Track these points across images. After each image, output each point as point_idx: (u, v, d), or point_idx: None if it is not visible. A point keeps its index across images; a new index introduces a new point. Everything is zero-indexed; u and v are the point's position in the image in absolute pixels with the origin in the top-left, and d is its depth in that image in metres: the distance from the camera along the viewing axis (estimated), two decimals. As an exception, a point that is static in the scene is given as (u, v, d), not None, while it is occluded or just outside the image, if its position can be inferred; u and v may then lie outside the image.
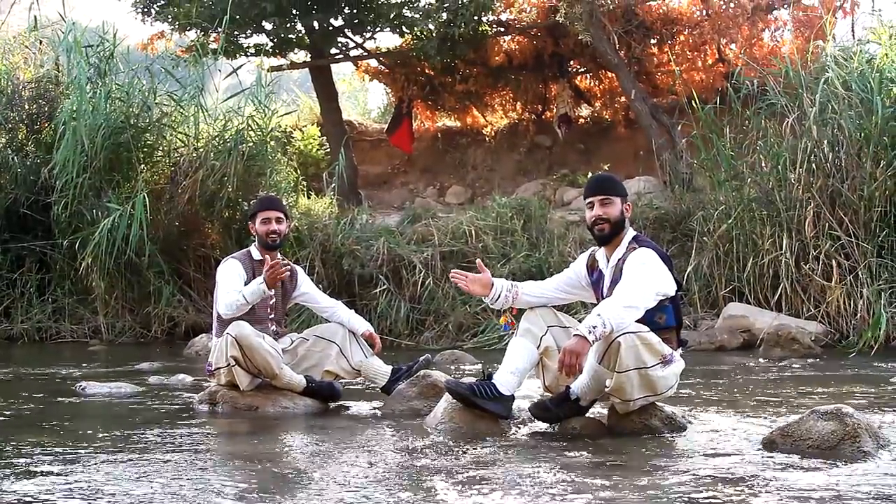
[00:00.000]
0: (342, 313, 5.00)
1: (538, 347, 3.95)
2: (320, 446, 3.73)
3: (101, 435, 3.95)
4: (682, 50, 13.33)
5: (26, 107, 10.60)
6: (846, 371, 6.19)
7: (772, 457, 3.33)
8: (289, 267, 4.46)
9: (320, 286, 6.62)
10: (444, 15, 12.82)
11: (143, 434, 3.97)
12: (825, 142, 8.24)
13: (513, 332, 4.07)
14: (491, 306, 4.30)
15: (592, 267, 4.09)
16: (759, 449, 3.49)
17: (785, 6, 12.39)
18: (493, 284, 4.15)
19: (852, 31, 11.53)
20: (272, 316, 4.88)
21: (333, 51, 14.63)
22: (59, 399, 5.19)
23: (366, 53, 14.95)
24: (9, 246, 9.69)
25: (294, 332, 5.28)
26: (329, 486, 2.95)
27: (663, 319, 3.83)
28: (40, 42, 11.43)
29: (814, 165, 8.21)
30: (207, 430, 4.25)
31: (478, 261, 4.39)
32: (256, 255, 4.88)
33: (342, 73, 19.66)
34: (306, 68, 14.85)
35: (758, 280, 8.37)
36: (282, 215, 4.89)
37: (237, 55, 13.35)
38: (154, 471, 3.18)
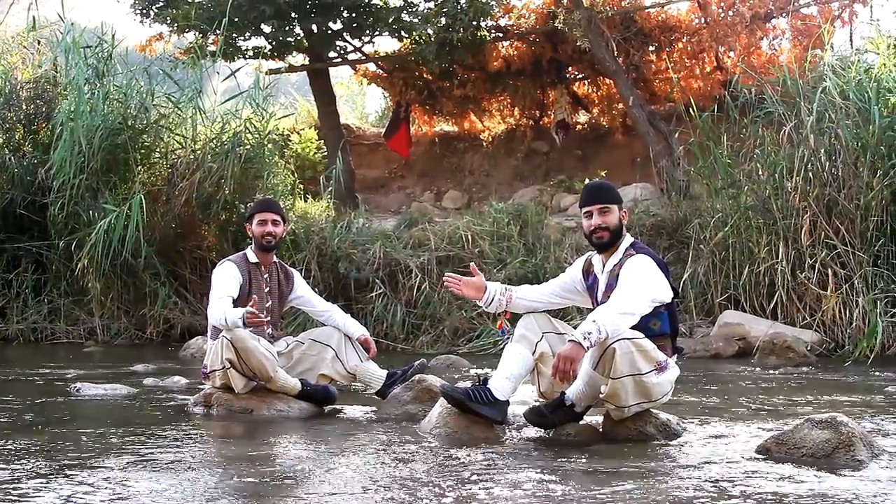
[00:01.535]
0: (338, 317, 5.01)
1: (533, 353, 3.96)
2: (314, 450, 3.73)
3: (94, 436, 3.94)
4: (680, 57, 13.36)
5: (24, 107, 10.58)
6: (841, 380, 6.19)
7: (766, 465, 3.34)
8: (268, 319, 4.45)
9: (316, 290, 6.63)
10: (443, 20, 12.85)
11: (137, 436, 3.96)
12: (822, 151, 8.24)
13: (508, 337, 4.07)
14: (485, 309, 4.31)
15: (588, 272, 4.10)
16: (754, 457, 3.49)
17: (783, 15, 12.42)
18: (486, 288, 4.16)
19: (850, 40, 11.58)
20: (268, 319, 4.87)
21: (332, 54, 14.65)
22: (54, 400, 5.18)
23: (364, 57, 14.96)
24: (5, 246, 9.67)
25: (290, 335, 5.28)
26: (323, 490, 2.95)
27: (657, 326, 3.84)
28: (38, 42, 11.41)
29: (810, 174, 8.22)
30: (202, 432, 4.24)
31: (472, 264, 4.41)
32: (252, 257, 4.89)
33: (340, 77, 19.70)
34: (304, 71, 14.87)
35: (754, 288, 8.36)
36: (278, 218, 4.91)
37: (235, 58, 13.36)
38: (148, 473, 3.18)
